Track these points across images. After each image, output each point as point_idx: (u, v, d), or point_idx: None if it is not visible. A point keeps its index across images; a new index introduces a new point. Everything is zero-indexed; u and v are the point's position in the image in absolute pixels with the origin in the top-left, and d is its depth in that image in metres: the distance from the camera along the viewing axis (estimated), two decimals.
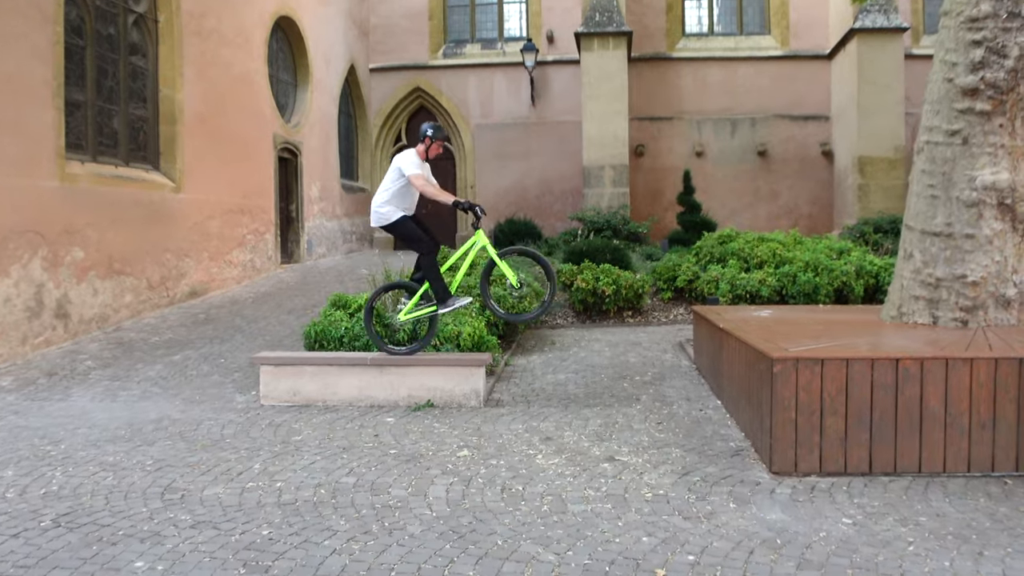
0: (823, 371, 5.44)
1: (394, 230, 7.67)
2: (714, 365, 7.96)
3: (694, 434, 6.50)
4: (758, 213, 20.38)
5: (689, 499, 5.03)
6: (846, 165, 19.12)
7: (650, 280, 13.06)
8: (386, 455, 6.01)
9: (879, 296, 12.50)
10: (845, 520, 4.71)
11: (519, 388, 8.24)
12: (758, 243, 13.50)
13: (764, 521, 4.69)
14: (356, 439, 6.47)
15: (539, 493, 5.16)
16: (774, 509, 4.87)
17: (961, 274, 7.08)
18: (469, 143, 21.87)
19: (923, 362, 5.46)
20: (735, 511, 4.84)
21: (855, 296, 12.27)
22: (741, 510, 4.86)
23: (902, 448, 5.47)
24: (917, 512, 4.83)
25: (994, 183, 6.95)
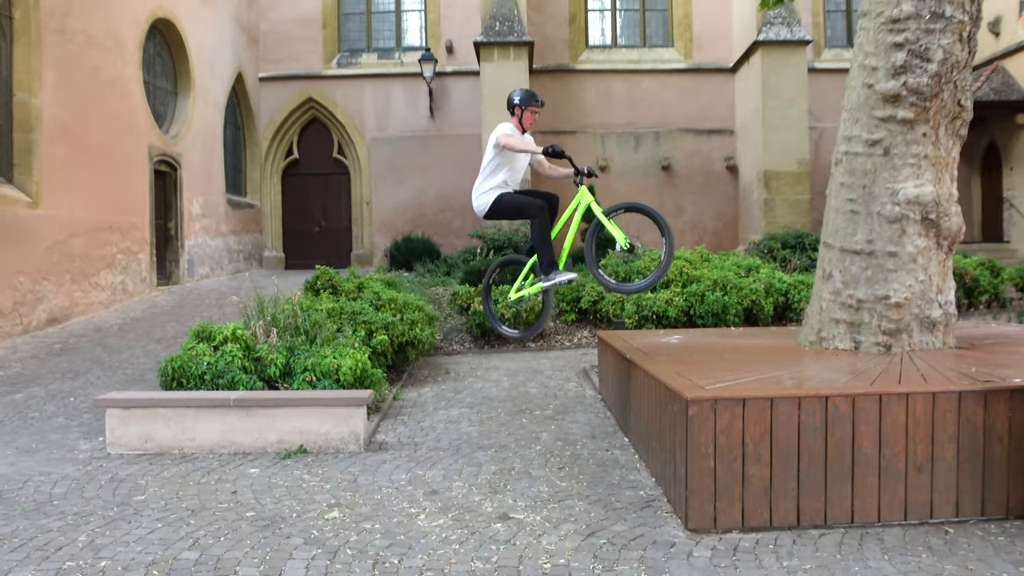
0: (745, 412, 4.74)
1: (498, 211, 6.95)
2: (621, 398, 7.23)
3: (600, 481, 5.73)
4: None
5: (595, 570, 4.24)
6: (751, 180, 18.85)
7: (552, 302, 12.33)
8: (241, 519, 5.06)
9: (789, 315, 12.07)
10: None
11: (406, 428, 7.35)
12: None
13: None
14: (210, 498, 5.49)
15: (418, 568, 4.29)
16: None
17: (884, 295, 6.52)
18: (365, 157, 20.90)
19: (855, 399, 4.82)
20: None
21: (765, 315, 11.79)
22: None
23: (833, 497, 4.81)
24: (855, 573, 4.15)
25: (917, 196, 6.42)
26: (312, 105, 21.03)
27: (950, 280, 6.70)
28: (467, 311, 11.80)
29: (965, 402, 4.88)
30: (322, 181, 21.23)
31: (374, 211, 20.81)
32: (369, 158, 20.87)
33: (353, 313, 9.23)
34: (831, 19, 20.52)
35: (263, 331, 7.62)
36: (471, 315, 11.60)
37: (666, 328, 11.42)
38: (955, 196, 6.61)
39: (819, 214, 18.99)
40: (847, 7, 20.72)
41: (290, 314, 7.97)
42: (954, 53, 6.34)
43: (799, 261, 14.14)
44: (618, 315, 11.71)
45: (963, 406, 4.88)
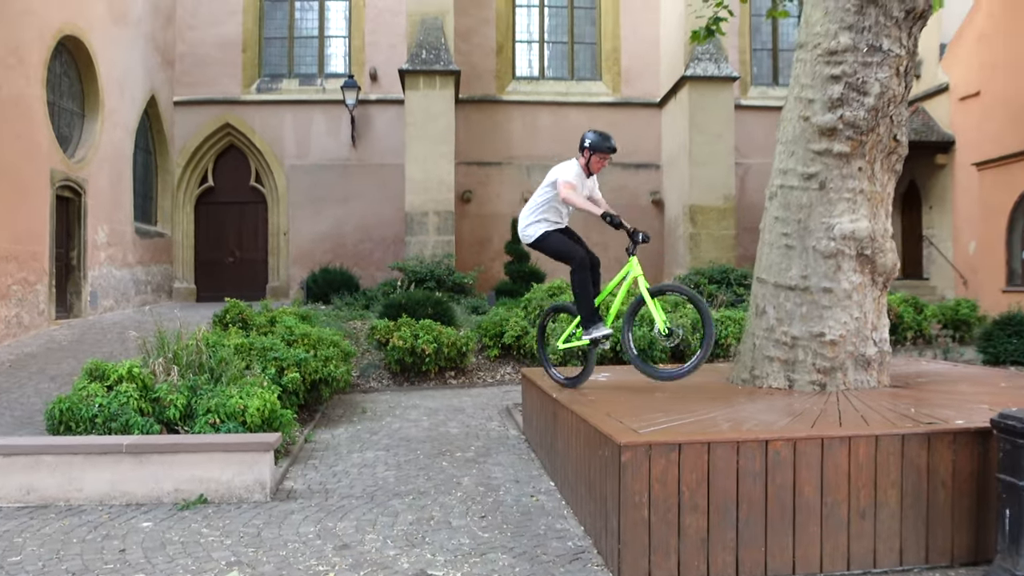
0: (681, 458, 4.41)
1: (542, 247, 6.81)
2: (547, 439, 6.86)
3: (525, 531, 5.33)
4: None
5: None
6: (677, 214, 18.82)
7: (475, 336, 11.96)
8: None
9: (716, 351, 11.89)
10: None
11: (318, 473, 6.84)
12: None
13: None
14: (95, 558, 4.91)
15: None
16: None
17: (819, 332, 6.31)
18: (283, 185, 20.27)
19: (796, 443, 4.53)
20: None
21: (691, 351, 11.57)
22: None
23: (773, 547, 4.50)
24: None
25: (853, 232, 6.24)
26: (229, 131, 20.35)
27: (884, 318, 6.54)
28: (385, 346, 11.32)
29: (908, 445, 4.64)
30: (238, 210, 20.52)
31: (292, 241, 20.16)
32: (288, 186, 20.25)
33: (263, 349, 8.69)
34: (757, 57, 20.76)
35: (163, 369, 7.05)
36: (390, 350, 11.12)
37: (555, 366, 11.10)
38: (890, 232, 6.47)
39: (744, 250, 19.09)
40: (773, 45, 21.00)
41: (194, 350, 7.41)
42: (891, 87, 6.21)
43: (725, 296, 14.04)
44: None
45: (906, 449, 4.64)
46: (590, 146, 6.50)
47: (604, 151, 6.52)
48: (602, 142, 6.50)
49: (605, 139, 6.52)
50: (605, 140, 6.51)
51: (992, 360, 10.87)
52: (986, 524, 4.68)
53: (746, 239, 19.02)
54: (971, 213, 17.46)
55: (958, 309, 13.17)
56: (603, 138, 6.52)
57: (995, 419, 4.44)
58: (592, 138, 6.52)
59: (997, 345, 10.96)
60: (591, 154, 6.55)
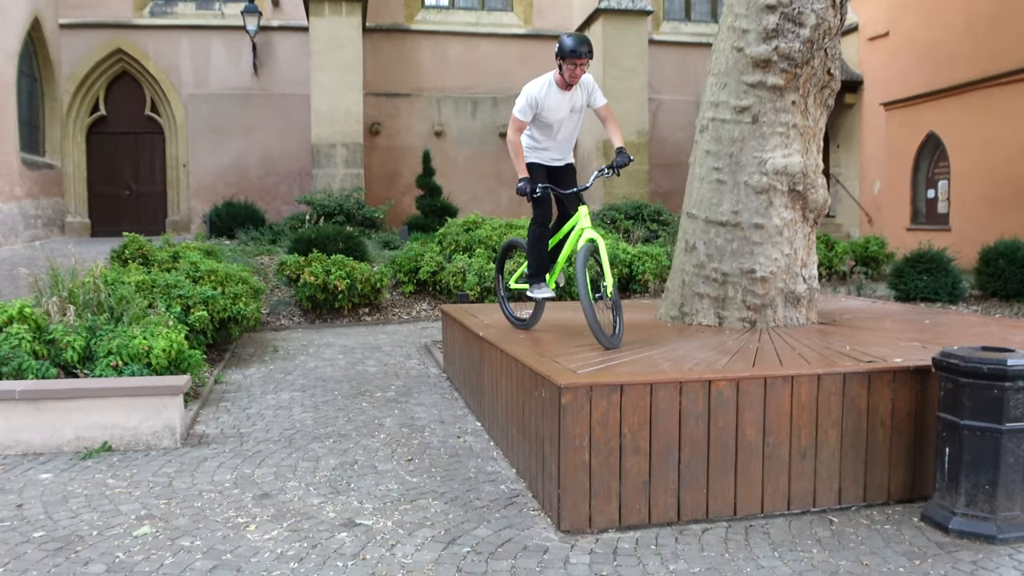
0: (623, 399, 4.24)
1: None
2: (471, 379, 6.65)
3: (455, 475, 5.13)
4: (500, 198, 19.48)
5: None
6: (590, 150, 18.64)
7: (389, 272, 11.61)
8: (27, 541, 4.13)
9: (633, 286, 11.86)
10: None
11: (230, 416, 6.48)
12: (507, 230, 12.46)
13: None
14: None
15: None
16: None
17: (749, 268, 6.22)
18: (181, 115, 19.26)
19: (739, 383, 4.41)
20: None
21: None
22: None
23: (715, 489, 4.41)
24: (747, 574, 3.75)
25: (786, 167, 6.13)
26: (121, 57, 19.15)
27: (814, 254, 6.49)
28: (296, 282, 10.88)
29: (849, 384, 4.58)
30: (133, 141, 19.43)
31: (192, 174, 19.25)
32: (186, 117, 19.25)
33: (167, 286, 8.19)
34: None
35: (58, 308, 6.53)
36: (301, 287, 10.70)
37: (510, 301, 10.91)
38: (821, 167, 6.38)
39: (656, 185, 19.10)
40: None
41: (92, 288, 6.89)
42: (827, 19, 6.05)
43: (640, 232, 13.99)
44: (459, 287, 11.12)
45: (847, 388, 4.58)
46: (559, 52, 5.54)
47: (575, 57, 5.47)
48: (572, 45, 5.47)
49: (577, 42, 5.50)
50: (577, 44, 5.48)
51: (903, 296, 11.09)
52: (923, 462, 4.68)
53: (658, 175, 19.05)
54: (877, 153, 17.78)
55: (867, 246, 13.42)
56: (575, 41, 5.51)
57: (937, 357, 4.39)
58: (562, 42, 5.55)
59: (908, 282, 11.18)
60: (561, 62, 5.56)
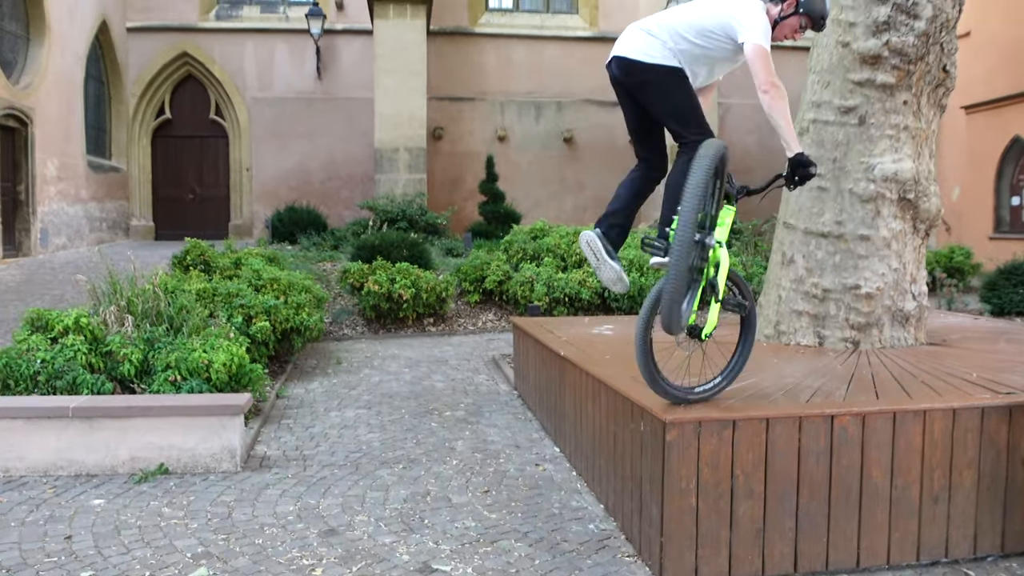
0: (735, 436, 3.76)
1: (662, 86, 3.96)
2: (548, 400, 6.20)
3: (537, 510, 4.69)
4: (564, 204, 19.04)
5: None
6: None
7: (454, 281, 11.24)
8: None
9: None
10: None
11: (293, 436, 6.13)
12: (575, 238, 11.98)
13: None
14: (35, 545, 4.17)
15: None
16: None
17: (854, 284, 5.69)
18: (245, 119, 19.17)
19: (865, 417, 3.90)
20: None
21: None
22: None
23: (836, 537, 3.90)
24: None
25: (896, 173, 5.58)
26: (187, 60, 19.13)
27: (923, 269, 5.94)
28: (360, 291, 10.56)
29: (988, 419, 4.04)
30: (197, 144, 19.40)
31: (255, 178, 19.15)
32: (250, 120, 19.15)
33: (229, 295, 7.90)
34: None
35: (116, 318, 6.25)
36: (365, 295, 10.37)
37: (578, 312, 10.49)
38: (934, 174, 5.83)
39: None
40: None
41: (151, 296, 6.60)
42: (944, 10, 5.51)
43: None
44: (527, 297, 10.69)
45: (985, 423, 4.04)
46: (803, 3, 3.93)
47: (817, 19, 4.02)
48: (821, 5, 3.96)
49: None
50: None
51: (998, 311, 10.40)
52: None
53: None
54: (956, 158, 16.97)
55: (952, 256, 12.71)
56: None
57: None
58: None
59: (1003, 295, 10.48)
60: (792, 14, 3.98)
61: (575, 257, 11.36)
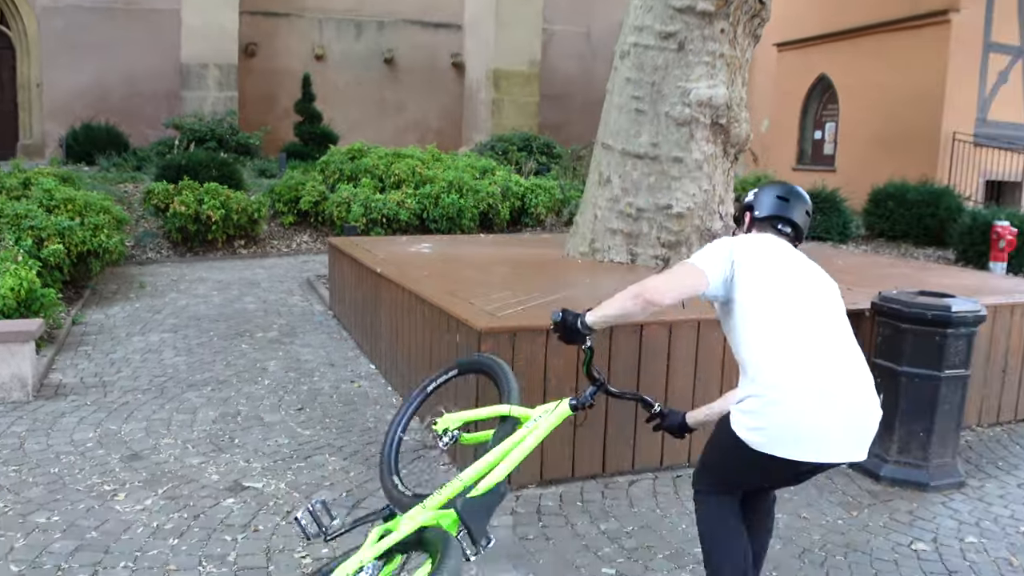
0: (548, 344, 3.81)
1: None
2: (364, 318, 6.11)
3: (352, 425, 4.64)
4: (384, 127, 18.64)
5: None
6: (479, 78, 17.98)
7: (267, 202, 10.82)
8: None
9: (524, 220, 11.46)
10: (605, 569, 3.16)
11: (92, 363, 5.75)
12: (394, 159, 11.80)
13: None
14: None
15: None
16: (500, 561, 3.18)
17: (666, 204, 5.87)
18: (34, 29, 17.44)
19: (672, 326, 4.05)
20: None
21: (500, 220, 11.07)
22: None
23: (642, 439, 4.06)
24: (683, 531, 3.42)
25: (710, 99, 5.75)
26: None
27: (731, 190, 6.21)
28: (165, 212, 9.97)
29: None
30: None
31: (46, 94, 17.55)
32: (39, 31, 17.47)
33: (16, 216, 7.28)
34: None
35: None
36: (170, 217, 9.81)
37: (396, 233, 10.36)
38: (745, 101, 6.04)
39: (545, 118, 18.63)
40: None
41: None
42: None
43: (531, 164, 13.55)
44: (344, 217, 10.44)
45: None
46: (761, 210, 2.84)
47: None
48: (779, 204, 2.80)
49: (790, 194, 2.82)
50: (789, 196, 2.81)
51: None
52: None
53: (547, 107, 18.58)
54: (767, 92, 17.78)
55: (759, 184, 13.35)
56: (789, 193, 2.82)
57: (876, 302, 4.15)
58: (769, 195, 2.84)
59: None
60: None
61: (393, 178, 11.19)
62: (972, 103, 13.40)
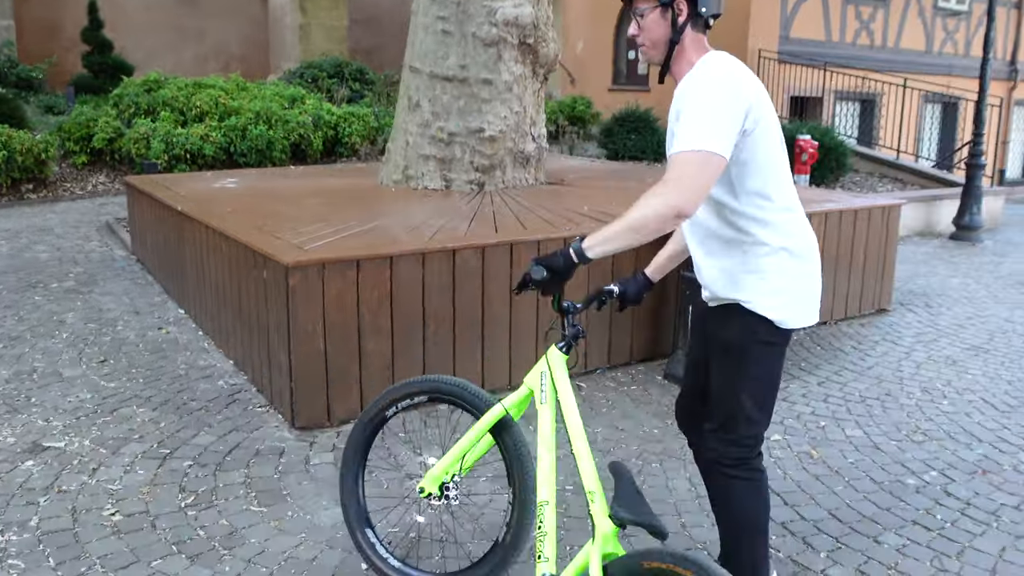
0: (360, 276, 3.73)
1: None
2: (169, 260, 5.80)
3: (161, 374, 4.41)
4: (183, 56, 17.51)
5: (188, 510, 3.04)
6: (284, 2, 17.13)
7: (55, 141, 9.98)
8: None
9: (339, 150, 11.16)
10: None
11: None
12: (195, 90, 11.15)
13: (318, 528, 2.93)
14: None
15: None
16: (322, 500, 3.13)
17: (478, 127, 5.83)
18: None
19: (484, 250, 4.05)
20: (266, 519, 2.99)
21: (313, 151, 10.74)
22: (275, 515, 3.02)
23: (463, 365, 4.08)
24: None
25: (516, 18, 5.70)
26: None
27: (543, 112, 6.22)
28: None
29: None
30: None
31: None
32: None
33: None
34: None
35: None
36: None
37: (202, 169, 9.84)
38: (552, 20, 6.03)
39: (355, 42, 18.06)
40: None
41: None
42: None
43: (344, 91, 13.13)
44: (143, 154, 9.81)
45: None
46: None
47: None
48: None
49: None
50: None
51: (613, 155, 11.26)
52: (662, 322, 4.64)
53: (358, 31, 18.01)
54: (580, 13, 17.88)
55: (575, 106, 13.47)
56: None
57: None
58: None
59: (617, 141, 11.37)
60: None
61: (195, 111, 10.58)
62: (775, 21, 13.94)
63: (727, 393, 2.25)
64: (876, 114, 14.24)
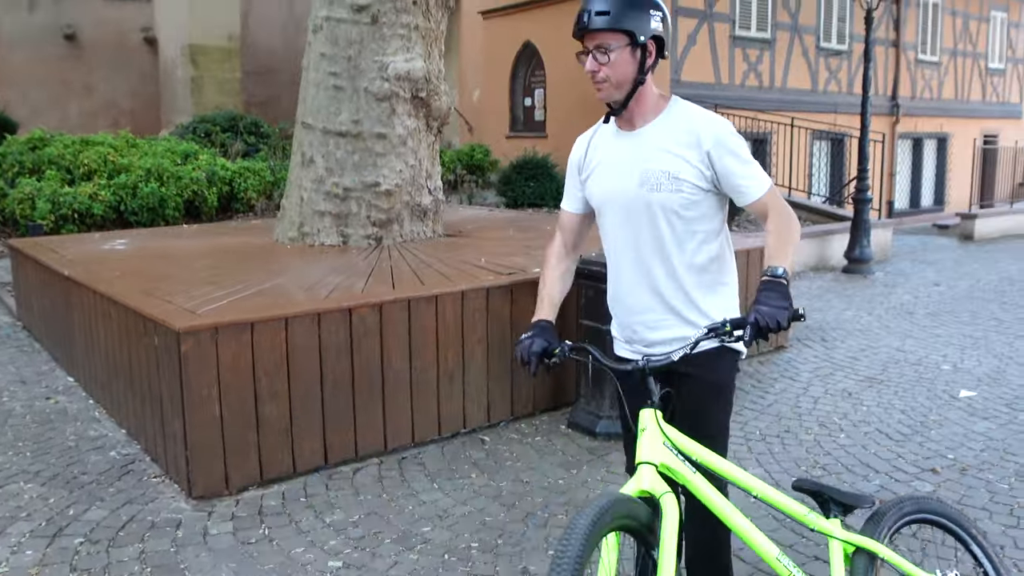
0: (254, 339, 3.68)
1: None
2: (58, 326, 5.61)
3: (50, 446, 4.25)
4: (69, 111, 17.09)
5: None
6: (174, 55, 16.90)
7: None
8: None
9: (235, 206, 10.99)
10: (332, 562, 3.12)
11: None
12: (83, 147, 10.87)
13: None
14: None
15: None
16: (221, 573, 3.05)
17: (373, 182, 5.85)
18: None
19: (382, 307, 4.04)
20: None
21: (209, 207, 10.54)
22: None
23: (363, 425, 4.04)
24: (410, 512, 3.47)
25: (408, 72, 5.77)
26: None
27: (438, 164, 6.29)
28: None
29: (493, 298, 4.42)
30: None
31: None
32: None
33: None
34: None
35: None
36: None
37: (91, 229, 9.55)
38: (443, 73, 6.11)
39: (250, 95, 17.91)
40: None
41: None
42: None
43: (239, 146, 12.97)
44: (28, 216, 9.47)
45: (491, 303, 4.42)
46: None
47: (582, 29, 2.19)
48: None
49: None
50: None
51: (512, 203, 11.37)
52: (565, 371, 4.69)
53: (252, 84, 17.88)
54: (476, 61, 18.10)
55: (473, 154, 13.60)
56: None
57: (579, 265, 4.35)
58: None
59: (516, 188, 11.47)
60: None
61: (83, 168, 10.30)
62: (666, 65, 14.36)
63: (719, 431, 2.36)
64: (768, 152, 14.78)
